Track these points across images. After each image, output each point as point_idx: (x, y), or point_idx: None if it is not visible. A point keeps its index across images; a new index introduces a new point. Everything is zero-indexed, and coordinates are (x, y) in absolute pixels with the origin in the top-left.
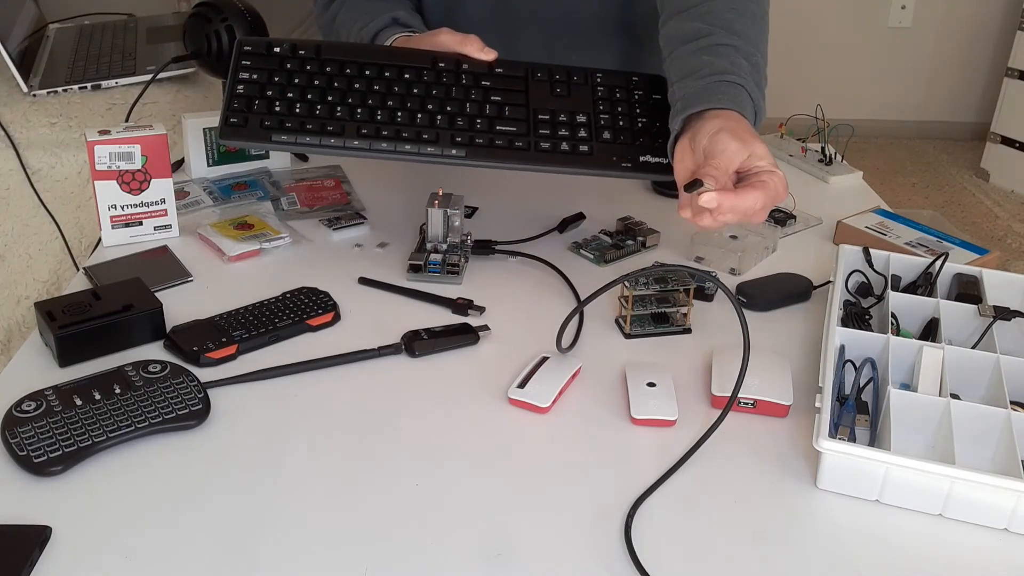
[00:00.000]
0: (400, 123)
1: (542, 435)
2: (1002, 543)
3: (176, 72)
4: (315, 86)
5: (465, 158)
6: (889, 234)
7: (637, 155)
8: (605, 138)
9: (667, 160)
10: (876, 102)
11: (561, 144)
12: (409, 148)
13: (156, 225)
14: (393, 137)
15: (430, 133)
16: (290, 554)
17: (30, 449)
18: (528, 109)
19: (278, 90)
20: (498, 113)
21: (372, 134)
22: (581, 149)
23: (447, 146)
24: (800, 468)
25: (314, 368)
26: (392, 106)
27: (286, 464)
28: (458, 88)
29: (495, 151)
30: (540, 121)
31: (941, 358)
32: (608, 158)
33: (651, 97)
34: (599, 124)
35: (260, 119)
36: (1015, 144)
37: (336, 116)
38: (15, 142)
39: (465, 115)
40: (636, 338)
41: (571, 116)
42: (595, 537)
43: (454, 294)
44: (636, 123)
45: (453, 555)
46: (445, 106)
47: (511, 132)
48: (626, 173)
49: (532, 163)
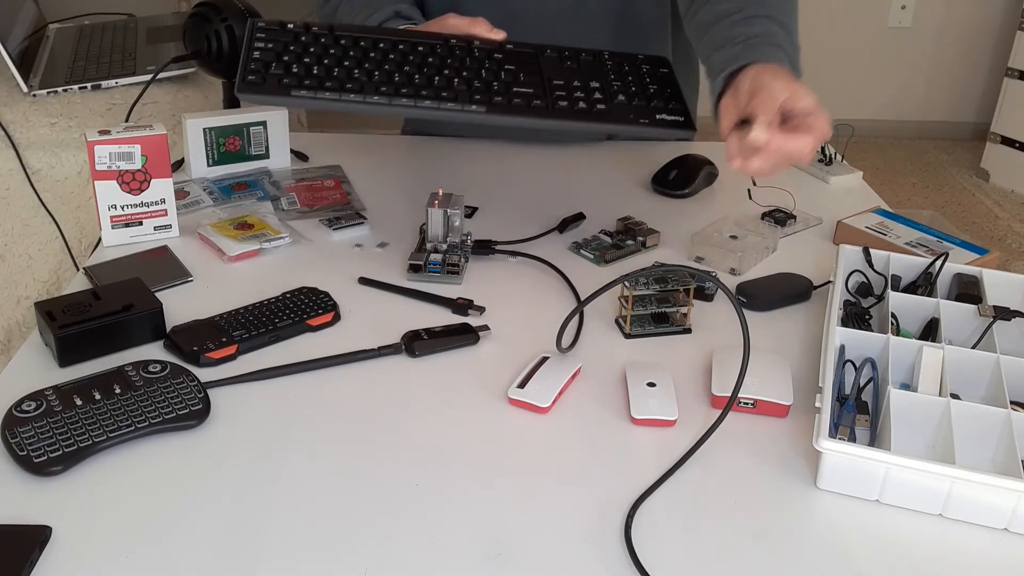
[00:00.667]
0: (419, 83)
1: (542, 435)
2: (1002, 543)
3: (176, 72)
4: (331, 54)
5: (485, 113)
6: (889, 234)
7: (653, 113)
8: (620, 100)
9: (683, 118)
10: (876, 102)
11: (578, 103)
12: (430, 104)
13: (156, 225)
14: (413, 94)
15: (449, 92)
16: (290, 554)
17: (30, 449)
18: (542, 77)
19: (294, 56)
20: (513, 80)
21: (392, 92)
22: (598, 107)
23: (467, 102)
24: (800, 468)
25: (314, 368)
26: (409, 71)
27: (286, 464)
28: (472, 59)
29: (514, 107)
30: (555, 86)
31: (941, 358)
32: (625, 115)
33: (659, 71)
34: (612, 90)
35: (278, 77)
36: (1015, 144)
37: (355, 76)
38: (15, 142)
39: (481, 79)
40: (636, 338)
41: (585, 83)
42: (595, 537)
43: (454, 294)
44: (648, 89)
45: (453, 555)
46: (461, 71)
47: (528, 93)
48: (644, 128)
49: (551, 118)
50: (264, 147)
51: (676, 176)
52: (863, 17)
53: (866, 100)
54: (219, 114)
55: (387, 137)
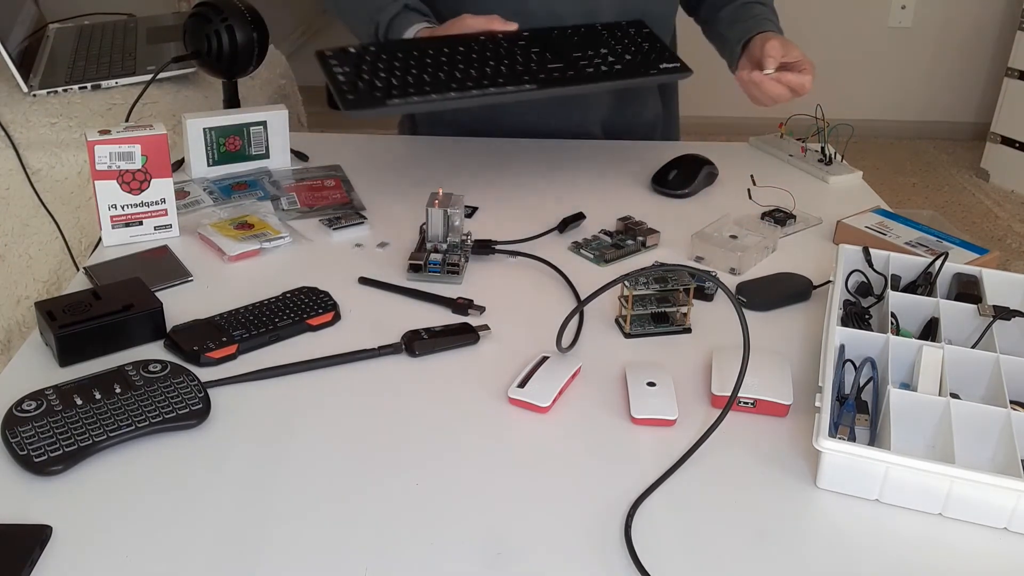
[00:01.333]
0: (478, 76)
1: (542, 435)
2: (1002, 543)
3: (176, 72)
4: (397, 66)
5: (536, 88)
6: (889, 234)
7: (656, 64)
8: (627, 59)
9: (679, 64)
10: (876, 102)
11: (600, 68)
12: (494, 91)
13: (156, 225)
14: (478, 85)
15: (504, 78)
16: (290, 553)
17: (31, 448)
18: (563, 53)
19: (370, 73)
20: (545, 59)
21: (461, 86)
22: (616, 67)
23: (519, 84)
24: (800, 468)
25: (314, 368)
26: (464, 68)
27: (286, 464)
28: (504, 49)
29: (556, 80)
30: (576, 58)
31: (941, 358)
32: (637, 69)
33: (642, 31)
34: (618, 51)
35: (369, 92)
36: (1015, 144)
37: (426, 80)
38: (15, 142)
39: (522, 63)
40: (636, 338)
41: (596, 51)
42: (595, 537)
43: (454, 294)
44: (643, 47)
45: (453, 555)
46: (503, 60)
47: (561, 67)
48: (655, 77)
49: (586, 82)
50: (264, 147)
51: (676, 176)
52: (863, 17)
53: (866, 100)
54: (219, 114)
55: (387, 137)
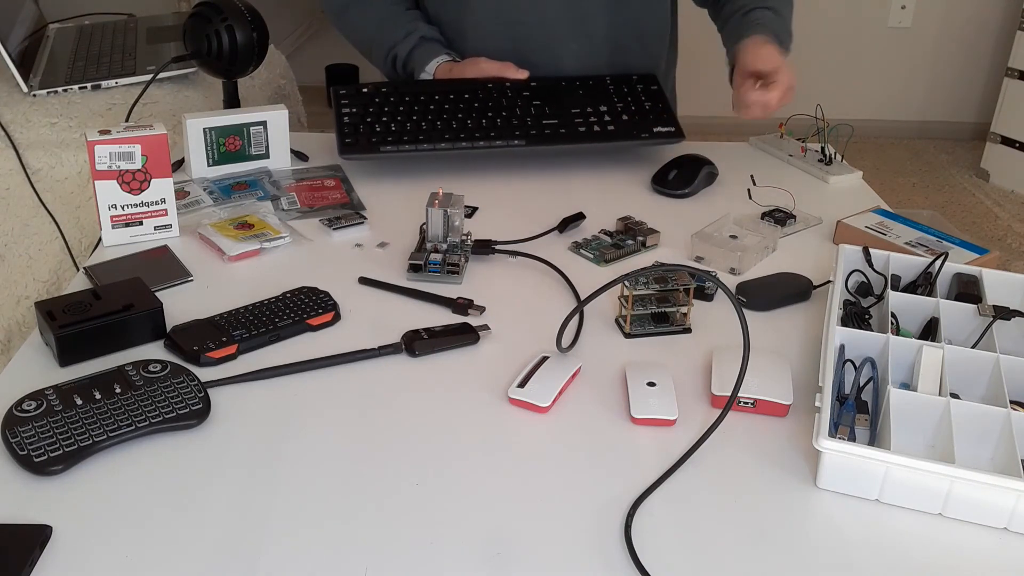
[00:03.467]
0: (472, 128)
1: (542, 435)
2: (1002, 543)
3: (176, 72)
4: (401, 112)
5: (525, 145)
6: (889, 234)
7: (650, 127)
8: (624, 119)
9: (673, 129)
10: (876, 102)
11: (593, 127)
12: (483, 144)
13: (156, 225)
14: (469, 137)
15: (496, 131)
16: (290, 554)
17: (31, 448)
18: (563, 107)
19: (375, 117)
20: (542, 114)
21: (453, 137)
22: (608, 128)
23: (510, 139)
24: (800, 468)
25: (314, 368)
26: (462, 118)
27: (286, 464)
28: (507, 99)
29: (546, 137)
30: (574, 114)
31: (941, 358)
32: (629, 132)
33: (650, 88)
34: (617, 111)
35: (368, 137)
36: (1015, 144)
37: (423, 128)
38: (15, 142)
39: (518, 117)
40: (636, 338)
41: (595, 107)
42: (595, 537)
43: (454, 294)
44: (644, 106)
45: (453, 555)
46: (501, 112)
47: (554, 124)
48: (645, 141)
49: (574, 142)
50: (264, 147)
51: (676, 176)
52: (863, 17)
53: (866, 100)
54: (219, 114)
55: None
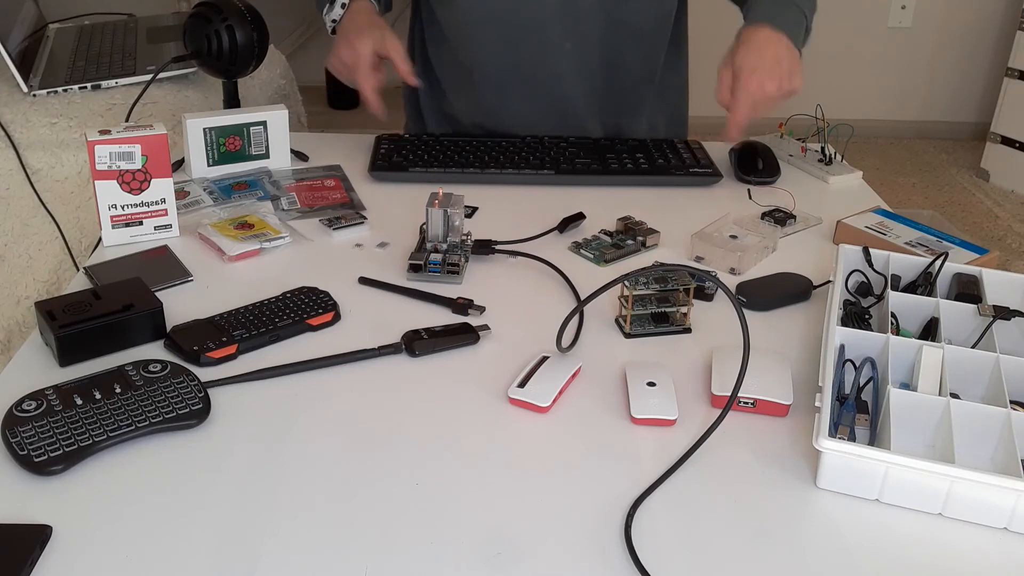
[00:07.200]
0: (502, 162)
1: (542, 435)
2: (1002, 543)
3: (176, 72)
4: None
5: (555, 174)
6: (889, 234)
7: (688, 168)
8: (659, 163)
9: (710, 170)
10: (876, 102)
11: (626, 165)
12: (512, 171)
13: (156, 225)
14: (498, 164)
15: (526, 161)
16: (290, 554)
17: (31, 448)
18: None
19: (409, 152)
20: (575, 155)
21: (482, 166)
22: (643, 166)
23: (540, 168)
24: (800, 468)
25: (314, 368)
26: (495, 153)
27: (286, 464)
28: (542, 148)
29: (577, 169)
30: (609, 158)
31: (941, 357)
32: (666, 170)
33: (692, 147)
34: (654, 156)
35: (399, 163)
36: (1015, 144)
37: (453, 159)
38: (15, 142)
39: (550, 156)
40: (636, 338)
41: (632, 154)
42: (595, 537)
43: (454, 294)
44: (683, 156)
45: (453, 555)
46: (535, 150)
47: (587, 160)
48: (682, 178)
49: (606, 174)
50: (264, 147)
51: (764, 166)
52: (863, 17)
53: (866, 100)
54: (219, 114)
55: None
